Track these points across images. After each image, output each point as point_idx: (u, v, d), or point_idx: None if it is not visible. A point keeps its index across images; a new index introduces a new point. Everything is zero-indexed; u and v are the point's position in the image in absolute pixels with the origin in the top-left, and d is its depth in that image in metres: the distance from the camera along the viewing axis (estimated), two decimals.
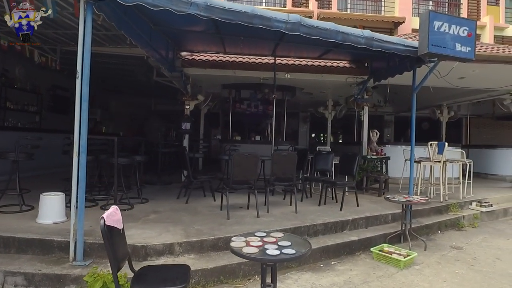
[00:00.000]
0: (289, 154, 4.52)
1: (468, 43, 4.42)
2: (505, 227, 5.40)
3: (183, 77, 6.34)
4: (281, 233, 2.53)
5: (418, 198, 4.17)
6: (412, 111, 4.94)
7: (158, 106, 13.18)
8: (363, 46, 4.11)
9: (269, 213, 4.52)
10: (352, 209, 4.88)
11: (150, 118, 13.39)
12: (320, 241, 3.88)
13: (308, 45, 5.69)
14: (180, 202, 5.09)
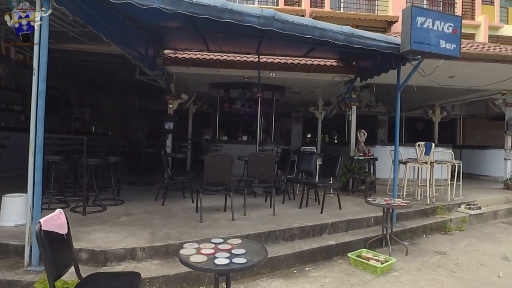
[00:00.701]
0: (266, 155, 4.35)
1: (453, 40, 4.26)
2: (494, 231, 5.23)
3: (164, 75, 6.17)
4: (240, 239, 2.36)
5: (400, 201, 4.00)
6: (396, 111, 4.78)
7: (150, 106, 13.02)
8: (342, 42, 3.94)
9: (246, 215, 4.35)
10: (333, 212, 4.71)
11: (141, 118, 13.23)
12: (296, 246, 3.71)
13: (293, 42, 5.51)
14: (156, 204, 4.92)
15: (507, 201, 6.54)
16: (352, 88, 6.67)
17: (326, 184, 4.81)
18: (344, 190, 6.26)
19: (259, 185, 4.48)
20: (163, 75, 6.15)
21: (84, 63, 7.56)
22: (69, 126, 11.11)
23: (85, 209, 4.16)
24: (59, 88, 10.34)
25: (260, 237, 3.68)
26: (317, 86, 7.65)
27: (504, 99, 7.42)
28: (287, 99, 9.79)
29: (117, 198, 5.02)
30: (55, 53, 6.63)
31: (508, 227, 5.53)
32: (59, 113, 10.59)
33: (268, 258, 3.38)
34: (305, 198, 5.03)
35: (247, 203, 4.99)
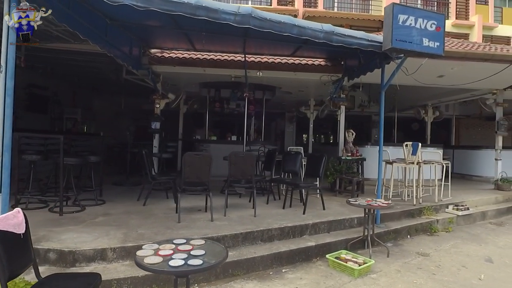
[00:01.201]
0: (246, 155, 4.29)
1: (436, 38, 4.20)
2: (481, 232, 5.16)
3: (150, 74, 6.11)
4: (203, 240, 2.30)
5: (381, 201, 3.94)
6: (381, 110, 4.71)
7: (144, 106, 12.95)
8: (322, 40, 3.88)
9: (226, 216, 4.29)
10: (317, 213, 4.65)
11: (134, 118, 13.17)
12: (274, 247, 3.65)
13: (279, 41, 5.46)
14: (138, 204, 4.86)
15: (496, 202, 6.47)
16: (341, 87, 6.61)
17: (309, 184, 4.75)
18: (332, 190, 6.20)
19: (240, 185, 4.42)
20: (149, 74, 6.10)
21: (72, 62, 7.50)
22: (61, 126, 11.05)
23: (62, 209, 4.10)
24: (50, 88, 10.29)
25: (237, 238, 3.62)
26: (307, 86, 7.60)
27: (494, 99, 7.35)
28: (279, 99, 9.73)
29: (99, 198, 4.96)
30: (42, 52, 6.60)
31: (496, 228, 5.46)
32: (50, 113, 10.54)
33: (244, 260, 3.35)
34: (288, 199, 4.97)
35: (230, 204, 4.94)
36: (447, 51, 5.69)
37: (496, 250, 4.35)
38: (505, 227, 5.49)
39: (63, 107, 11.08)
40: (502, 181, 7.08)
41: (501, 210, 6.16)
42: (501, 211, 6.15)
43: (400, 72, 5.08)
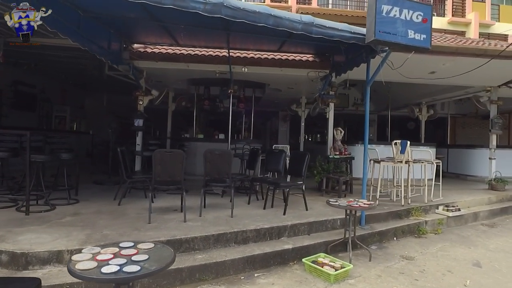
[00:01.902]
0: (223, 153, 4.09)
1: (422, 30, 3.99)
2: (471, 234, 4.95)
3: (131, 70, 5.92)
4: (153, 244, 2.09)
5: (363, 202, 3.73)
6: (366, 106, 4.50)
7: None
8: (300, 32, 3.69)
9: (202, 217, 4.09)
10: (298, 213, 4.45)
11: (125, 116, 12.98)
12: (247, 250, 3.44)
13: (265, 35, 5.29)
14: (113, 204, 4.67)
15: (489, 202, 6.26)
16: (329, 84, 6.40)
17: (290, 184, 4.55)
18: (319, 190, 6.00)
19: (217, 185, 4.22)
20: (130, 70, 5.90)
21: (54, 58, 7.31)
22: (50, 124, 10.87)
23: (29, 208, 3.90)
24: (38, 85, 10.11)
25: (208, 240, 3.42)
26: (296, 83, 7.39)
27: (489, 97, 7.14)
28: (270, 97, 9.53)
29: (73, 198, 4.78)
30: (22, 48, 6.40)
31: (488, 229, 5.24)
32: (38, 111, 10.36)
33: (213, 263, 3.15)
34: (270, 199, 4.77)
35: (209, 204, 4.76)
36: (438, 45, 5.51)
37: (485, 253, 4.13)
38: (497, 229, 5.28)
39: (52, 105, 10.92)
40: (496, 181, 6.86)
41: (494, 211, 5.95)
42: (494, 212, 5.94)
43: (390, 69, 4.90)
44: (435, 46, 5.47)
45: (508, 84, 6.77)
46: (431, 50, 5.53)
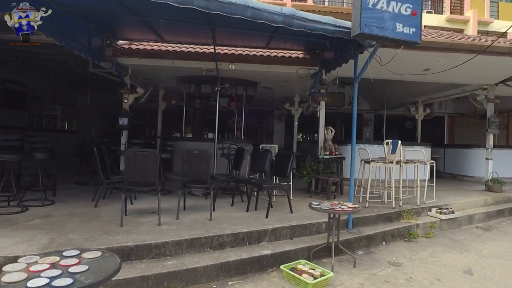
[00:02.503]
0: (201, 153, 3.89)
1: (412, 24, 3.78)
2: (464, 238, 4.73)
3: (115, 67, 5.73)
4: (99, 252, 1.91)
5: (347, 205, 3.52)
6: (354, 104, 4.29)
7: None
8: (280, 25, 3.49)
9: (179, 219, 3.89)
10: (282, 216, 4.25)
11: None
12: (223, 256, 3.24)
13: (250, 31, 5.10)
14: (90, 205, 4.48)
15: (485, 204, 6.03)
16: (320, 81, 6.19)
17: (273, 185, 4.34)
18: (309, 191, 5.80)
19: (196, 186, 4.02)
20: (113, 66, 5.71)
21: (39, 56, 7.12)
22: (40, 123, 10.71)
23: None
24: (29, 84, 9.94)
25: (180, 245, 3.22)
26: (286, 81, 7.18)
27: (485, 95, 6.91)
28: (263, 95, 9.34)
29: (49, 199, 4.60)
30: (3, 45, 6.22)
31: (483, 233, 5.03)
32: (28, 110, 10.19)
33: (183, 270, 2.95)
34: (254, 201, 4.57)
35: (190, 206, 4.57)
36: (431, 41, 5.30)
37: (478, 259, 3.92)
38: (493, 232, 5.06)
39: (43, 103, 10.75)
40: (493, 182, 6.63)
41: (490, 213, 5.73)
42: (490, 214, 5.72)
43: (383, 66, 4.70)
44: (428, 41, 5.27)
45: (506, 82, 6.54)
46: (424, 46, 5.36)
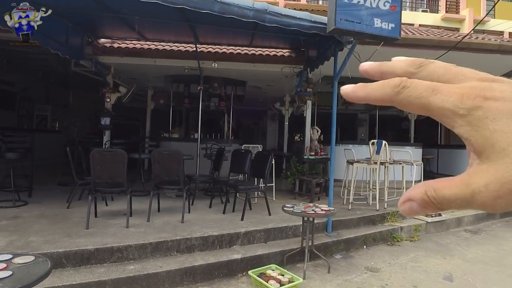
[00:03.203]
0: (172, 153, 3.76)
1: (391, 19, 3.65)
2: (451, 241, 4.57)
3: (94, 65, 5.62)
4: (32, 257, 1.78)
5: (321, 208, 3.38)
6: (333, 103, 4.15)
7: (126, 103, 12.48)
8: (251, 20, 3.36)
9: (150, 222, 3.77)
10: (259, 219, 4.11)
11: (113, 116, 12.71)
12: (189, 260, 3.11)
13: (232, 28, 4.99)
14: (64, 206, 4.38)
15: None
16: (306, 80, 6.06)
17: (249, 187, 4.21)
18: (293, 192, 5.66)
19: (168, 187, 3.89)
20: (93, 65, 5.61)
21: (29, 55, 7.03)
22: (31, 124, 10.63)
23: None
24: (18, 84, 9.87)
25: (145, 248, 3.09)
26: (273, 80, 7.05)
27: None
28: (252, 95, 9.22)
29: (23, 200, 4.50)
30: None
31: (470, 236, 4.86)
32: (17, 110, 10.11)
33: (144, 275, 2.82)
34: (232, 203, 4.44)
35: (165, 207, 4.44)
36: (418, 39, 5.15)
37: (461, 264, 3.76)
38: (481, 236, 4.90)
39: (34, 103, 10.67)
40: None
41: (480, 216, 5.56)
42: (480, 217, 5.55)
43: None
44: (415, 39, 5.14)
45: None
46: (411, 44, 5.22)
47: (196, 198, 5.18)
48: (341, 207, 4.96)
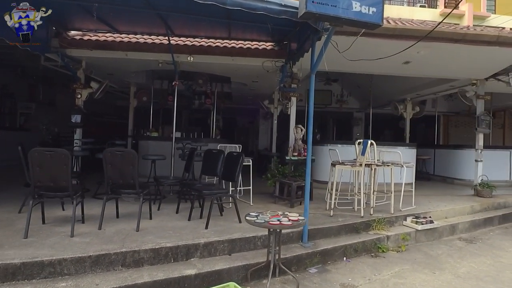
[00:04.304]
0: (125, 153, 3.36)
1: (372, 2, 3.21)
2: (442, 252, 4.14)
3: (61, 59, 5.24)
4: None
5: (288, 217, 2.96)
6: (310, 99, 3.73)
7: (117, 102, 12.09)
8: (209, 2, 2.95)
9: (101, 230, 3.38)
10: (228, 227, 3.71)
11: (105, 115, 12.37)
12: (133, 276, 2.70)
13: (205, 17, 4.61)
14: (16, 211, 4.00)
15: (472, 212, 5.42)
16: (290, 75, 5.64)
17: (214, 192, 3.80)
18: (271, 197, 5.25)
19: (125, 191, 3.49)
20: (60, 58, 5.22)
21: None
22: (14, 122, 10.28)
23: None
24: None
25: (83, 262, 2.70)
26: (257, 75, 6.63)
27: (475, 91, 6.28)
28: (242, 92, 8.83)
29: None
30: None
31: (465, 246, 4.43)
32: None
33: None
34: (198, 208, 4.04)
35: (126, 213, 4.05)
36: (408, 29, 4.74)
37: (452, 281, 3.32)
38: (476, 245, 4.46)
39: (16, 101, 10.31)
40: (482, 186, 6.01)
41: (476, 222, 5.12)
42: (476, 223, 5.11)
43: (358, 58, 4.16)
44: (404, 29, 4.71)
45: (496, 77, 5.92)
46: (400, 35, 4.79)
47: (168, 202, 4.79)
48: (322, 213, 4.56)
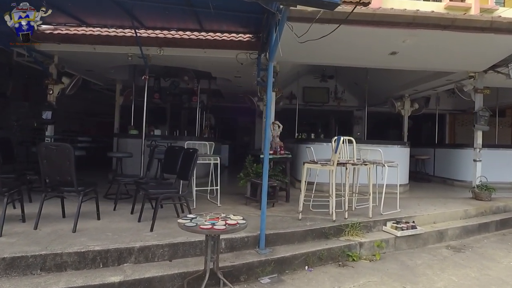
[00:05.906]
0: (61, 147, 3.11)
1: None
2: (422, 262, 3.68)
3: (27, 53, 5.10)
4: None
5: (226, 221, 2.62)
6: (268, 92, 3.39)
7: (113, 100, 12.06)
8: None
9: (37, 230, 3.16)
10: (176, 230, 3.31)
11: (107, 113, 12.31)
12: (48, 282, 2.45)
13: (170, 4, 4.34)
14: None
15: (466, 216, 4.90)
16: (266, 68, 5.28)
17: (161, 191, 3.49)
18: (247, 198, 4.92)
19: (64, 189, 3.25)
20: (26, 52, 5.09)
21: None
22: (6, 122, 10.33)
23: None
24: None
25: None
26: (237, 70, 6.30)
27: (473, 85, 5.72)
28: (227, 89, 8.54)
29: None
30: None
31: (451, 255, 3.94)
32: None
33: None
34: (150, 209, 3.75)
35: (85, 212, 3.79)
36: (388, 14, 4.31)
37: None
38: (464, 254, 3.97)
39: (9, 101, 10.36)
40: (480, 188, 5.45)
41: (469, 228, 4.61)
42: (469, 229, 4.60)
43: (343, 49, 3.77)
44: (383, 15, 4.28)
45: (496, 68, 5.35)
46: (380, 21, 4.38)
47: (130, 202, 4.54)
48: (293, 216, 4.19)
